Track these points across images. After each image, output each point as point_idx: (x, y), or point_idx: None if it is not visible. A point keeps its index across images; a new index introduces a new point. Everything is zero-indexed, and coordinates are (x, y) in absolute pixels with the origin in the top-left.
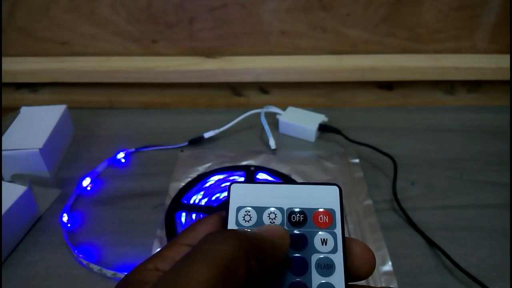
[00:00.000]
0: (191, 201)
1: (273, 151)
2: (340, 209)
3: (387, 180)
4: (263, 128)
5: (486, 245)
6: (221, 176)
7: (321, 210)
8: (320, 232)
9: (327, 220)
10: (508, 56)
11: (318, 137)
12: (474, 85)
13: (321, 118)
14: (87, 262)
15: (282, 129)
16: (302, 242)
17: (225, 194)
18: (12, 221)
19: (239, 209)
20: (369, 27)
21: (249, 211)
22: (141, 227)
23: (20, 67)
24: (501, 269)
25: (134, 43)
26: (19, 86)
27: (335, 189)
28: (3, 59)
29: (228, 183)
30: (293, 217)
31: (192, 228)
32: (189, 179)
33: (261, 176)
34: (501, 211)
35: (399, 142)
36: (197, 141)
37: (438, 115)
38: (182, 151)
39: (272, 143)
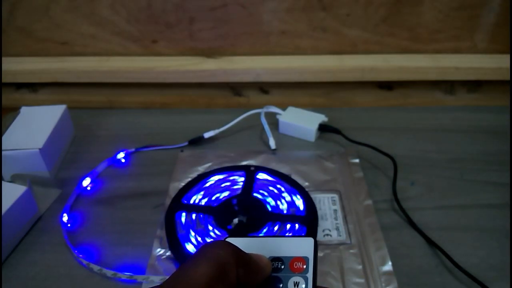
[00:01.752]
0: (191, 201)
1: (273, 151)
2: (313, 257)
3: (387, 180)
4: (263, 128)
5: (486, 245)
6: (221, 176)
7: (296, 257)
8: (294, 277)
9: (301, 266)
10: (508, 56)
11: (318, 137)
12: (474, 85)
13: (321, 118)
14: (87, 262)
15: (282, 129)
16: (278, 286)
17: (225, 194)
18: (12, 221)
19: None
20: (369, 27)
21: None
22: (141, 227)
23: (20, 67)
24: (501, 269)
25: (134, 43)
26: (19, 86)
27: (311, 240)
28: (3, 59)
29: (228, 183)
30: (273, 264)
31: None
32: (189, 179)
33: (261, 176)
34: (501, 211)
35: (399, 142)
36: (197, 141)
37: (438, 115)
38: (182, 151)
39: (272, 143)
